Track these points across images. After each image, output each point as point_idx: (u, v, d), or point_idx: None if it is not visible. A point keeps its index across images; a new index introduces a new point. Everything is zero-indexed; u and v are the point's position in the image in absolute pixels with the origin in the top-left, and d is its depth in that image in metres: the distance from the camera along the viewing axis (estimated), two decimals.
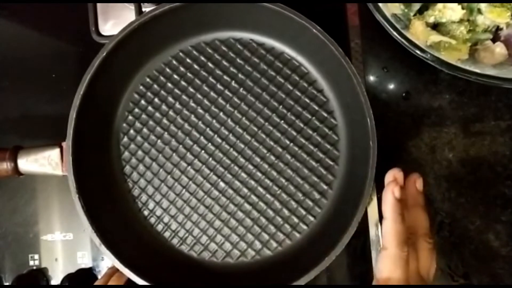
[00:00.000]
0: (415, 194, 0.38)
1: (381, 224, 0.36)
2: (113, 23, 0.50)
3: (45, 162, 0.42)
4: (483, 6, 0.41)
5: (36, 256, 0.50)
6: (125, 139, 0.46)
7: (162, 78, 0.46)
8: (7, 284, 0.50)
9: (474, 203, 0.47)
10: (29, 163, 0.42)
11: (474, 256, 0.47)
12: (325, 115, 0.45)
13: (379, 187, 0.45)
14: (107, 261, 0.49)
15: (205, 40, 0.46)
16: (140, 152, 0.46)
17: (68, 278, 0.49)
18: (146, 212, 0.45)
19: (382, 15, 0.39)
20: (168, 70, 0.46)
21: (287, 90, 0.45)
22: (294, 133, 0.45)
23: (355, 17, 0.48)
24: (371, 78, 0.49)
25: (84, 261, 0.50)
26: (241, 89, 0.46)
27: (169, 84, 0.46)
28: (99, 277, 0.49)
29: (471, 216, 0.47)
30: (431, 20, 0.42)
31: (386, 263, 0.35)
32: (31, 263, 0.50)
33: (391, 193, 0.36)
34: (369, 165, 0.38)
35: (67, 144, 0.40)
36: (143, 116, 0.46)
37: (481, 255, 0.47)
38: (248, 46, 0.46)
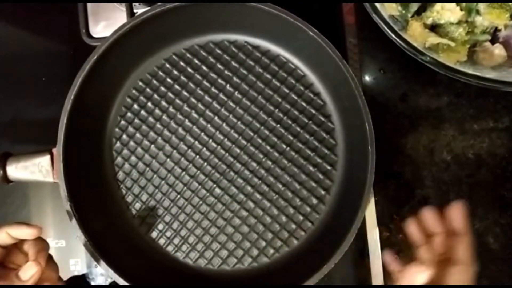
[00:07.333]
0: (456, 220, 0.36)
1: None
2: (104, 24, 0.49)
3: (36, 169, 0.40)
4: (481, 7, 0.41)
5: None
6: (118, 144, 0.45)
7: (155, 81, 0.45)
8: None
9: (473, 206, 0.47)
10: (18, 170, 0.40)
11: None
12: (322, 119, 0.44)
13: (377, 190, 0.44)
14: (101, 268, 0.48)
15: (199, 42, 0.45)
16: (133, 158, 0.45)
17: None
18: (140, 219, 0.44)
19: (379, 16, 0.38)
20: (161, 73, 0.45)
21: (283, 93, 0.44)
22: (291, 138, 0.44)
23: (351, 16, 0.48)
24: (368, 79, 0.49)
25: (77, 268, 0.49)
26: (236, 92, 0.45)
27: (163, 88, 0.45)
28: (92, 284, 0.48)
29: (470, 219, 0.47)
30: (429, 21, 0.41)
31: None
32: None
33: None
34: (368, 170, 0.37)
35: (58, 150, 0.39)
36: (136, 120, 0.45)
37: (480, 258, 0.46)
38: (243, 48, 0.45)
